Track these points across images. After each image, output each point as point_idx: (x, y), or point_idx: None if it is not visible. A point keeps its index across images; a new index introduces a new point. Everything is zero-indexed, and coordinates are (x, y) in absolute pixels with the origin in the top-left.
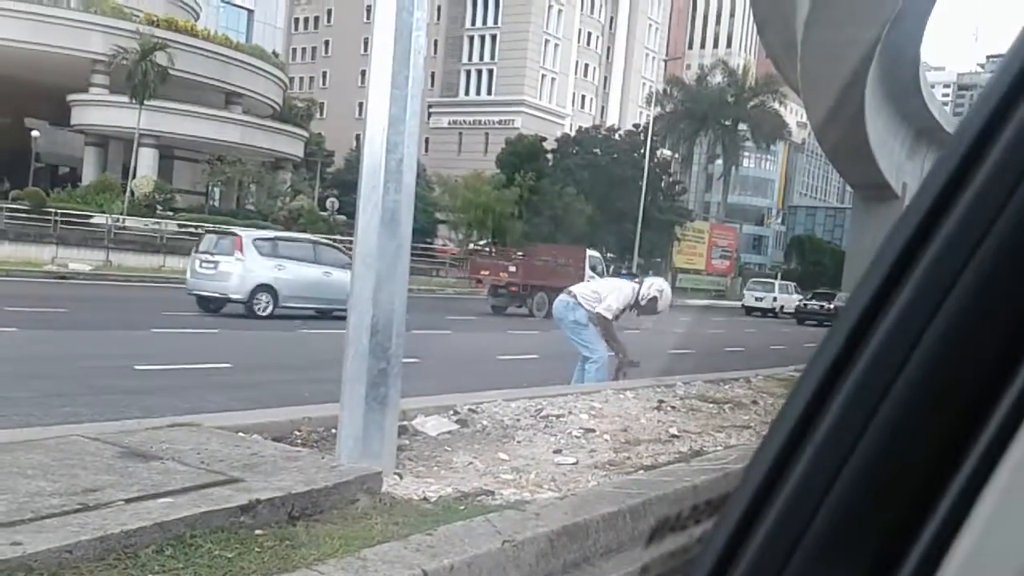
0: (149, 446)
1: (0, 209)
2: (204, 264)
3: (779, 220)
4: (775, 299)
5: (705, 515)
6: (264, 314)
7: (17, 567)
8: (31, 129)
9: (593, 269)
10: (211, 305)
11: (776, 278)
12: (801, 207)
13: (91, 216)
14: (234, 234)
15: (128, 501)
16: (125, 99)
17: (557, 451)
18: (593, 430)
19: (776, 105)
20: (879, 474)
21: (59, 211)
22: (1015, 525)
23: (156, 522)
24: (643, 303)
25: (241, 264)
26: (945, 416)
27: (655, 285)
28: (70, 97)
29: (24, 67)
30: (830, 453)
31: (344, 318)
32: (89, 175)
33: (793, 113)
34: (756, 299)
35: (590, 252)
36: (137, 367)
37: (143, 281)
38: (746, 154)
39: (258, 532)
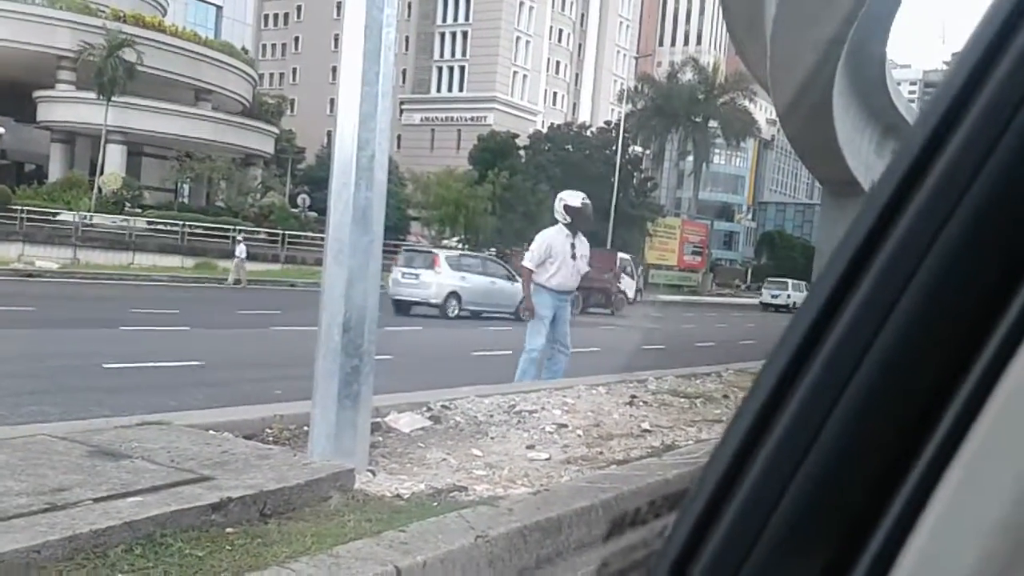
0: (118, 445)
1: None
2: (406, 276)
3: (750, 216)
4: (789, 296)
5: (664, 509)
6: (453, 315)
7: None
8: None
9: (624, 271)
10: (407, 308)
11: (747, 274)
12: (771, 203)
13: (58, 213)
14: (432, 252)
15: (97, 500)
16: (92, 95)
17: (530, 447)
18: (566, 425)
19: (746, 102)
20: (838, 467)
21: (25, 208)
22: (970, 519)
23: (125, 521)
24: (568, 218)
25: (438, 276)
26: (903, 410)
27: (567, 198)
28: (36, 93)
29: None
30: (790, 446)
31: (501, 317)
32: (56, 172)
33: (763, 110)
34: (772, 296)
35: (621, 255)
36: (106, 365)
37: (111, 279)
38: (716, 151)
39: (229, 530)
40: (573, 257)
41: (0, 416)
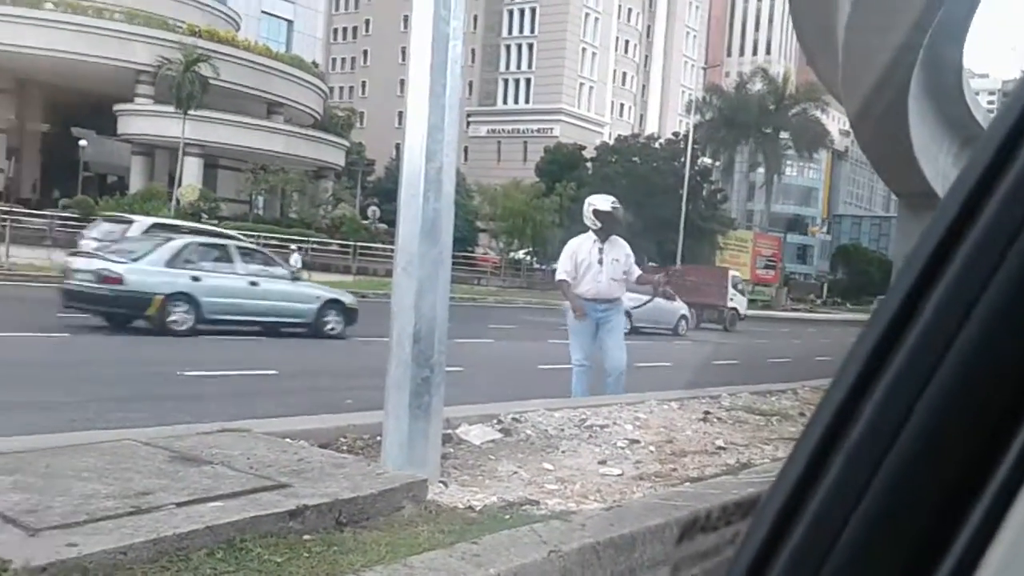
0: (199, 451)
1: (52, 217)
2: None
3: (824, 229)
4: None
5: (736, 517)
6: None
7: (73, 568)
8: (79, 138)
9: (735, 287)
10: None
11: (822, 288)
12: (846, 216)
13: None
14: None
15: (180, 504)
16: (170, 109)
17: (602, 462)
18: (638, 441)
19: (818, 113)
20: (911, 481)
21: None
22: None
23: (207, 525)
24: (598, 223)
25: None
26: (978, 421)
27: (595, 202)
28: (116, 107)
29: (72, 77)
30: (862, 460)
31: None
32: (136, 184)
33: (835, 121)
34: None
35: (733, 272)
36: (186, 373)
37: None
38: (788, 162)
39: (306, 537)
40: (600, 263)
41: (88, 420)
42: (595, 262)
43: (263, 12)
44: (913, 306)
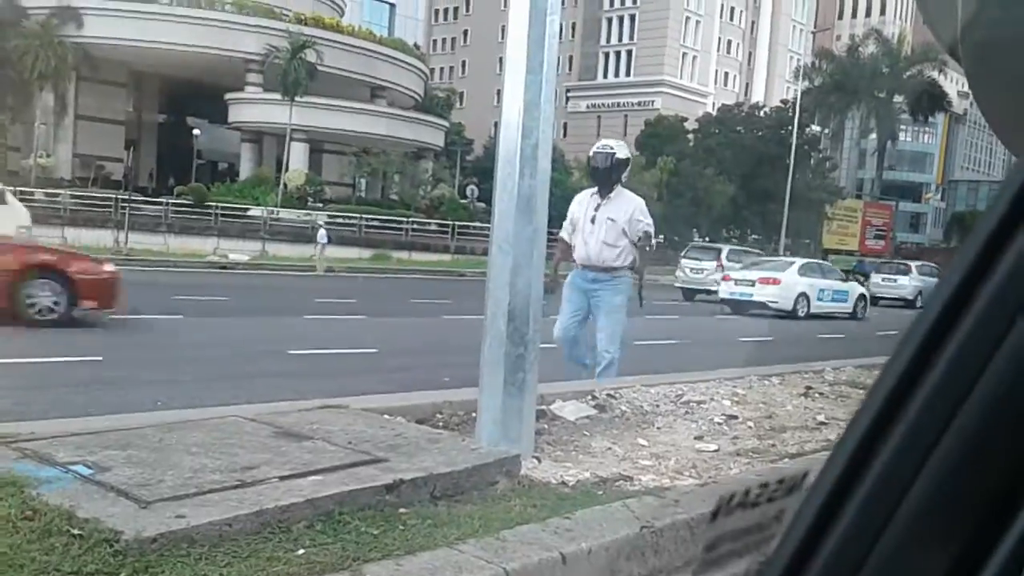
0: (301, 426)
1: (167, 204)
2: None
3: (939, 196)
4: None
5: (779, 494)
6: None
7: (181, 538)
8: (193, 128)
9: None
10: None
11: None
12: (963, 182)
13: (248, 209)
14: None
15: (282, 478)
16: (277, 96)
17: (698, 437)
18: (736, 417)
19: (935, 74)
20: (964, 466)
21: (219, 205)
22: None
23: (307, 498)
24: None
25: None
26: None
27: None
28: (227, 96)
29: (185, 68)
30: (924, 429)
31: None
32: (246, 170)
33: (953, 82)
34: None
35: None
36: (290, 351)
37: (296, 270)
38: (902, 127)
39: (402, 511)
40: (593, 221)
41: (197, 397)
42: (588, 220)
43: None
44: (963, 303)
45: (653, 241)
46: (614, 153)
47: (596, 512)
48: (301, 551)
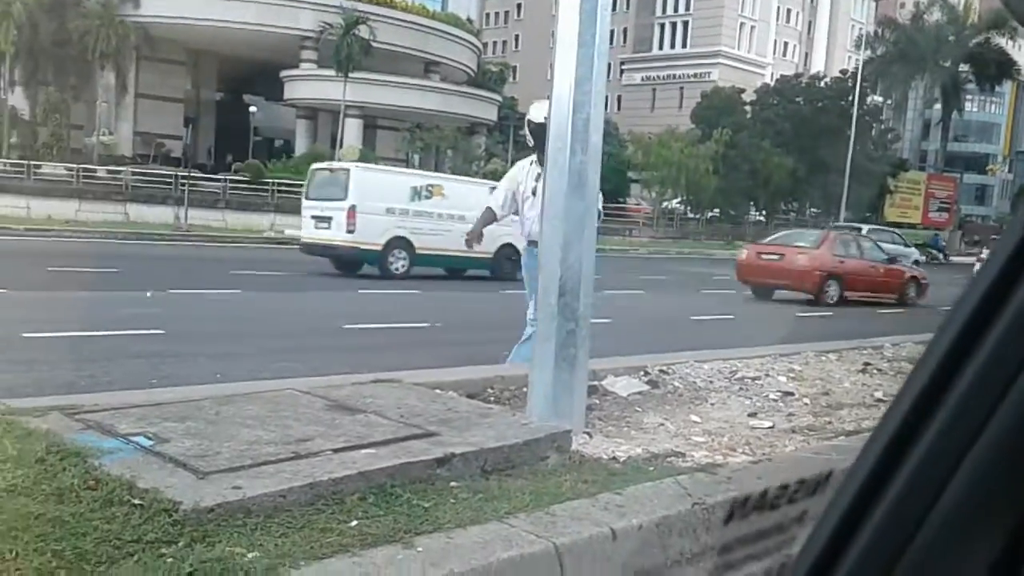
0: (354, 400)
1: (225, 180)
2: None
3: (1006, 168)
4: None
5: (800, 495)
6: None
7: (237, 509)
8: (250, 105)
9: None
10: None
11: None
12: None
13: (303, 185)
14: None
15: (335, 451)
16: (331, 73)
17: (752, 414)
18: (791, 393)
19: (1003, 41)
20: (1009, 453)
21: (275, 181)
22: None
23: (360, 471)
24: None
25: None
26: None
27: (531, 111)
28: (282, 73)
29: (243, 46)
30: (958, 427)
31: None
32: (301, 146)
33: (1022, 50)
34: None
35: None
36: (345, 326)
37: None
38: (968, 97)
39: (453, 484)
40: (534, 193)
41: (254, 370)
42: (529, 192)
43: None
44: (999, 300)
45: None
46: None
47: (647, 488)
48: (354, 523)
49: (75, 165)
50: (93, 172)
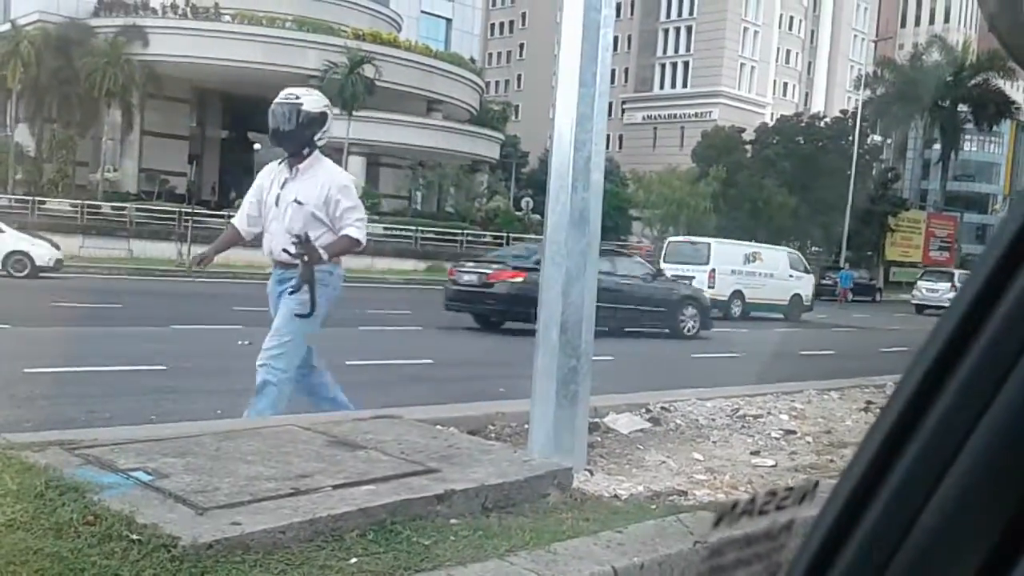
0: (355, 436)
1: (228, 217)
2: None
3: (1006, 208)
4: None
5: (789, 502)
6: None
7: (236, 545)
8: (254, 142)
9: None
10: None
11: None
12: None
13: None
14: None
15: (335, 487)
16: (336, 111)
17: (755, 452)
18: (794, 431)
19: (1001, 82)
20: (993, 465)
21: None
22: None
23: (360, 507)
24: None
25: None
26: None
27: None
28: None
29: (248, 85)
30: (943, 440)
31: None
32: None
33: (1020, 90)
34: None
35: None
36: (348, 362)
37: (354, 282)
38: (967, 137)
39: (453, 521)
40: (277, 203)
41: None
42: (272, 201)
43: (423, 12)
44: (994, 294)
45: (360, 234)
46: (300, 105)
47: (649, 527)
48: (353, 560)
49: (80, 201)
50: (98, 208)
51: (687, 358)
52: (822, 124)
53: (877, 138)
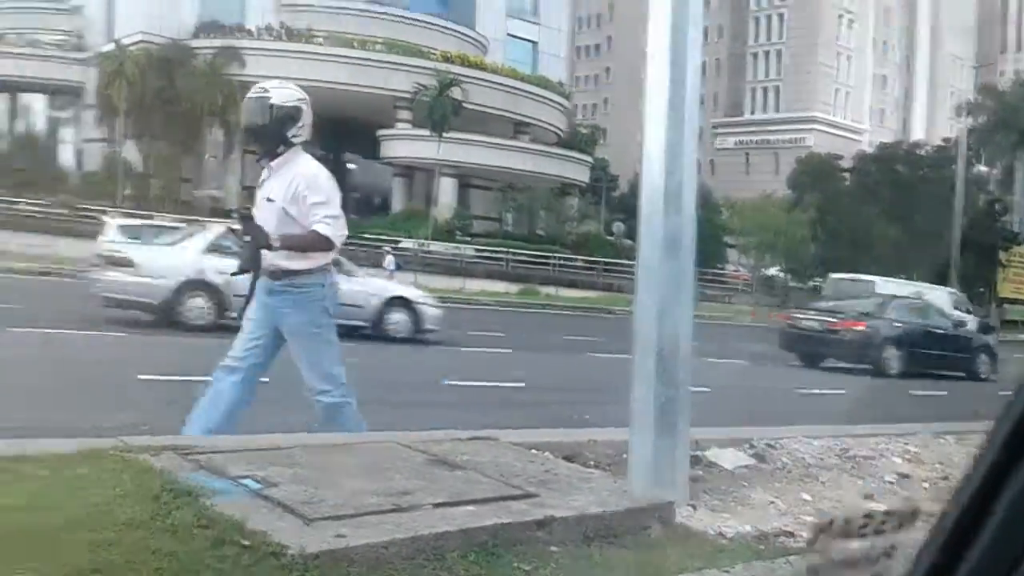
0: (453, 456)
1: None
2: None
3: None
4: None
5: (887, 527)
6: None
7: (341, 557)
8: (348, 163)
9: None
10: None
11: None
12: None
13: (400, 241)
14: None
15: (436, 505)
16: (426, 133)
17: (867, 496)
18: (908, 476)
19: None
20: None
21: (371, 237)
22: None
23: (461, 528)
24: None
25: None
26: None
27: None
28: (378, 132)
29: (341, 106)
30: None
31: None
32: (397, 204)
33: None
34: None
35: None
36: (446, 382)
37: (446, 302)
38: None
39: (553, 548)
40: (258, 205)
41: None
42: (259, 201)
43: (509, 35)
44: None
45: (330, 231)
46: (268, 98)
47: (757, 567)
48: None
49: (187, 217)
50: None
51: (792, 393)
52: (923, 152)
53: (982, 168)
